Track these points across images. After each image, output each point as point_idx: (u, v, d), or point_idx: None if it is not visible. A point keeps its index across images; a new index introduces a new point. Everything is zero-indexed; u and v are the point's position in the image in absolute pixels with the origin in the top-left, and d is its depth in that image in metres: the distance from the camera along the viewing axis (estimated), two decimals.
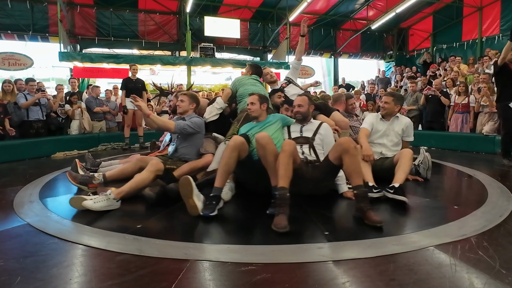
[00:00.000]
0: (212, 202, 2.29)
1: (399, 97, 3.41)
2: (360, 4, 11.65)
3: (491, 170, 4.02)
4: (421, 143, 6.15)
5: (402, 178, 2.75)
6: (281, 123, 2.95)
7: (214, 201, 2.30)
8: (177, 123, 2.99)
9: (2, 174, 3.97)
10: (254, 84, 3.55)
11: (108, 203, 2.43)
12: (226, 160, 2.41)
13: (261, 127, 2.86)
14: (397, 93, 3.73)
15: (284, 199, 2.13)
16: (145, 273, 1.55)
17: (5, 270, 1.59)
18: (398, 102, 3.30)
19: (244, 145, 2.46)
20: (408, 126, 3.31)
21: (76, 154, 5.46)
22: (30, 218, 2.32)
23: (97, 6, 10.18)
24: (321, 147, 2.83)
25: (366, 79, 11.38)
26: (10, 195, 2.94)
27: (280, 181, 2.18)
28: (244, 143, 2.46)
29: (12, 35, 9.36)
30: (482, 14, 10.67)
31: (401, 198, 2.54)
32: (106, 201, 2.43)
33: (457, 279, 1.49)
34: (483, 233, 1.98)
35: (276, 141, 2.61)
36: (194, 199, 2.29)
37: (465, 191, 3.35)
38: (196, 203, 2.28)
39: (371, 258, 1.68)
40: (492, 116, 5.53)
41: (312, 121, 2.95)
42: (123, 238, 1.95)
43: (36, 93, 5.50)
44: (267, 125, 2.89)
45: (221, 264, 1.64)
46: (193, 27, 10.64)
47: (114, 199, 2.46)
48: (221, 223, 2.23)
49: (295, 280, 1.50)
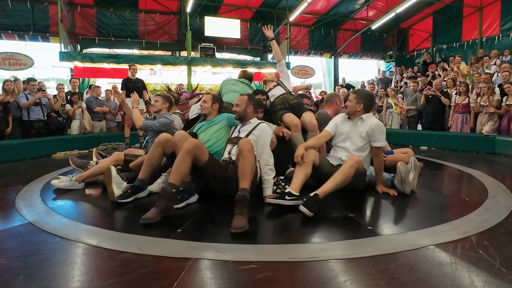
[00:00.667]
0: (128, 191, 2.64)
1: (363, 95, 2.94)
2: (360, 4, 11.65)
3: (491, 170, 4.03)
4: (421, 143, 6.19)
5: (326, 188, 2.42)
6: (226, 122, 3.00)
7: (130, 191, 2.65)
8: (145, 122, 3.40)
9: (3, 173, 3.97)
10: (234, 84, 3.71)
11: (71, 183, 3.03)
12: (149, 155, 2.71)
13: (207, 126, 3.02)
14: (365, 91, 3.26)
15: (242, 200, 2.16)
16: (146, 272, 1.56)
17: (8, 269, 1.60)
18: (360, 101, 2.87)
19: (168, 142, 2.65)
20: (374, 129, 2.80)
21: (77, 154, 5.47)
22: (31, 217, 2.33)
23: (97, 6, 10.19)
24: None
25: (366, 79, 11.40)
26: (12, 194, 2.95)
27: (170, 177, 2.32)
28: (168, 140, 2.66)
29: (12, 35, 9.37)
30: (482, 14, 10.68)
31: (302, 209, 2.25)
32: (69, 182, 3.04)
33: (458, 277, 1.49)
34: (483, 232, 1.99)
35: (215, 140, 2.89)
36: (113, 186, 2.69)
37: (465, 190, 3.36)
38: (114, 190, 2.68)
39: (371, 257, 1.69)
40: (492, 116, 5.54)
41: (250, 122, 2.87)
42: (124, 237, 1.96)
43: (36, 93, 5.51)
44: (211, 124, 3.01)
45: (222, 263, 1.64)
46: (193, 27, 10.65)
47: (76, 181, 3.04)
48: (221, 222, 2.23)
49: (296, 279, 1.51)
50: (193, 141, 2.42)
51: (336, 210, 2.55)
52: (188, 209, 2.52)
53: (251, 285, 1.45)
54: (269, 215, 2.46)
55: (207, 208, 2.55)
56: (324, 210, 2.43)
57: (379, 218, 2.40)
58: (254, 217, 2.40)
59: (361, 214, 2.47)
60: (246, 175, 2.28)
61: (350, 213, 2.40)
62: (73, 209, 2.59)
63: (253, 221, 2.32)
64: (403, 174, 2.78)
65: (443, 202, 2.77)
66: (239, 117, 2.87)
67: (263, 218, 2.42)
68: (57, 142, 5.59)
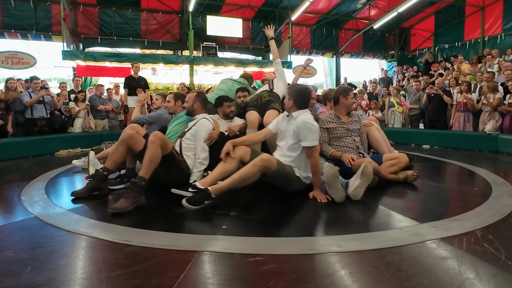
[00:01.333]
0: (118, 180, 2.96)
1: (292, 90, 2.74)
2: (362, 3, 11.65)
3: (494, 168, 4.03)
4: (423, 142, 6.19)
5: (222, 185, 2.36)
6: (185, 118, 3.19)
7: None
8: (136, 116, 3.78)
9: (8, 170, 3.99)
10: (224, 82, 3.97)
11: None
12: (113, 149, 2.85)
13: (172, 121, 3.31)
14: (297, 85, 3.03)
15: (133, 185, 2.33)
16: (153, 264, 1.57)
17: (15, 260, 1.61)
18: (291, 97, 2.69)
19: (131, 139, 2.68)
20: (300, 126, 2.54)
21: (80, 152, 5.49)
22: (37, 211, 2.34)
23: (99, 5, 10.22)
24: (189, 141, 2.87)
25: (368, 79, 11.39)
26: (17, 190, 2.97)
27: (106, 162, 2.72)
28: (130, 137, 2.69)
29: (15, 34, 9.40)
30: (484, 13, 10.66)
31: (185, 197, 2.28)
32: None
33: (463, 270, 1.50)
34: (488, 227, 1.99)
35: (174, 133, 3.13)
36: (90, 168, 3.18)
37: (469, 186, 3.35)
38: (90, 170, 3.16)
39: (377, 250, 1.69)
40: (493, 115, 5.53)
41: (196, 117, 3.02)
42: (130, 230, 1.96)
43: (40, 91, 5.53)
44: (175, 119, 3.29)
45: (228, 255, 1.65)
46: (195, 26, 10.66)
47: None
48: (227, 215, 2.24)
49: (302, 271, 1.51)
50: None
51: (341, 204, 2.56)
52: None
53: (257, 277, 1.46)
54: (273, 208, 2.47)
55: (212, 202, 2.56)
56: (329, 204, 2.44)
57: (382, 214, 2.40)
58: (257, 210, 2.41)
59: (366, 208, 2.47)
60: (144, 164, 2.40)
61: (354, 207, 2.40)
62: (78, 203, 2.60)
63: (258, 214, 2.35)
64: (328, 178, 2.45)
65: (447, 197, 2.78)
66: (187, 113, 3.08)
67: (268, 211, 2.43)
68: (60, 140, 5.61)
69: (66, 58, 8.48)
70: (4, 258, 1.64)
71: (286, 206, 2.46)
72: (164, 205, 2.53)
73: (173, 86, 11.34)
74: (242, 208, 2.48)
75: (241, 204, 2.55)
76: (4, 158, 4.67)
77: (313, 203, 2.49)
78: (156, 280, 1.42)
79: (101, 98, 6.63)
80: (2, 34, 9.29)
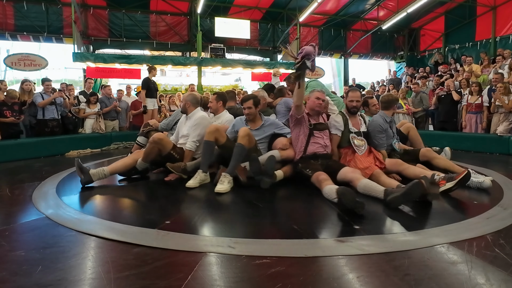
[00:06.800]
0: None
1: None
2: (371, 4, 11.57)
3: (505, 171, 3.95)
4: (433, 144, 6.08)
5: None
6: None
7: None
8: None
9: (20, 171, 4.07)
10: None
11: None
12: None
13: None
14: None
15: None
16: (161, 265, 1.58)
17: (26, 260, 1.64)
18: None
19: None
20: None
21: (90, 152, 5.57)
22: (48, 211, 2.38)
23: (109, 8, 10.34)
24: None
25: (376, 80, 11.31)
26: (28, 190, 3.02)
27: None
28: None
29: (27, 36, 9.57)
30: (496, 13, 10.49)
31: None
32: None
33: (473, 275, 1.47)
34: (499, 231, 1.96)
35: None
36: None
37: (480, 190, 3.29)
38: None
39: (385, 254, 1.68)
40: (507, 117, 5.43)
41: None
42: (139, 231, 1.98)
43: (52, 93, 5.62)
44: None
45: (235, 257, 1.66)
46: (203, 28, 10.72)
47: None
48: (234, 217, 2.25)
49: (310, 274, 1.51)
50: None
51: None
52: (201, 204, 2.55)
53: (264, 279, 1.46)
54: (281, 210, 2.47)
55: (220, 202, 2.58)
56: (336, 206, 2.43)
57: (392, 217, 2.38)
58: (266, 212, 2.41)
59: (374, 211, 2.44)
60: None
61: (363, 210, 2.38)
62: (88, 204, 2.64)
63: (265, 216, 2.35)
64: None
65: (457, 201, 2.73)
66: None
67: (276, 213, 2.43)
68: (70, 141, 5.70)
69: (77, 60, 8.60)
70: (16, 257, 1.68)
71: (294, 208, 2.46)
72: (172, 207, 2.55)
73: (181, 87, 11.45)
74: (249, 210, 2.49)
75: (248, 206, 2.56)
76: (16, 158, 4.76)
77: (321, 205, 2.48)
78: (164, 282, 1.43)
79: (110, 99, 6.70)
80: (15, 36, 9.47)
